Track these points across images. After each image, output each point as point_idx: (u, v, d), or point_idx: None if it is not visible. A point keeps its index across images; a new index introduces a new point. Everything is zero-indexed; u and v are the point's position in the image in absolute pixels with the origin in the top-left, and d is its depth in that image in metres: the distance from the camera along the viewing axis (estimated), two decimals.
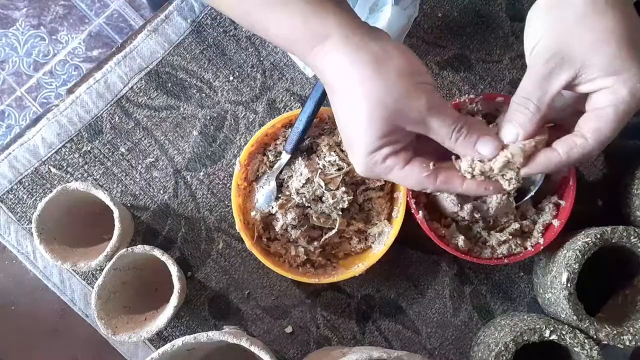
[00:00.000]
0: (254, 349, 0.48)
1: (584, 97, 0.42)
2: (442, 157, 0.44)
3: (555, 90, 0.41)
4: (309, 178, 0.56)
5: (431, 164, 0.43)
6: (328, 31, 0.40)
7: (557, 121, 0.46)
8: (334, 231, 0.58)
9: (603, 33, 0.40)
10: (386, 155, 0.42)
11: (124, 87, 0.63)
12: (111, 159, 0.63)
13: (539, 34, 0.42)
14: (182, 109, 0.64)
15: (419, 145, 0.44)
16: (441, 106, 0.41)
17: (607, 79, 0.40)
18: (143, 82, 0.63)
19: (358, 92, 0.40)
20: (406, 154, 0.43)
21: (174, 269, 0.55)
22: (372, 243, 0.60)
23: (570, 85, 0.41)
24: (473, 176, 0.43)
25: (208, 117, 0.64)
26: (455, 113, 0.42)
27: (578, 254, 0.52)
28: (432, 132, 0.41)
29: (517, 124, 0.42)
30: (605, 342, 0.53)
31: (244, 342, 0.48)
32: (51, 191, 0.56)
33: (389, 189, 0.60)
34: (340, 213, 0.57)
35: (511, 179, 0.43)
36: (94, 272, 0.63)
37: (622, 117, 0.40)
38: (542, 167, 0.42)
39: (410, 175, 0.43)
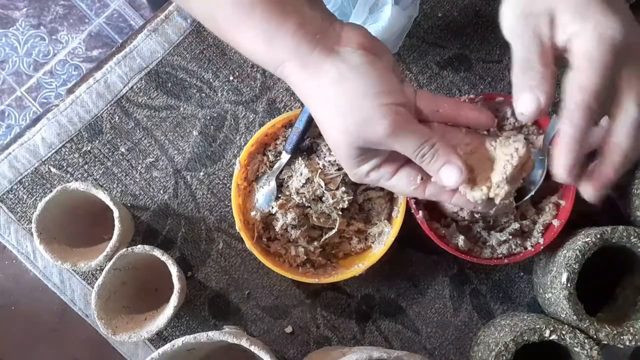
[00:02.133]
0: (254, 349, 0.48)
1: None
2: None
3: (548, 38, 0.38)
4: (309, 178, 0.56)
5: (418, 178, 0.43)
6: (285, 56, 0.39)
7: None
8: (334, 231, 0.58)
9: None
10: (367, 172, 0.43)
11: (124, 87, 0.63)
12: (111, 159, 0.63)
13: (511, 11, 0.41)
14: (182, 109, 0.64)
15: None
16: (405, 128, 0.39)
17: (575, 24, 0.37)
18: (143, 82, 0.63)
19: (322, 117, 0.40)
20: (390, 165, 0.43)
21: (174, 269, 0.55)
22: (372, 243, 0.60)
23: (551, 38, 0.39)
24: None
25: (208, 117, 0.64)
26: (421, 134, 0.40)
27: (578, 254, 0.52)
28: (400, 152, 0.40)
29: (534, 89, 0.38)
30: (605, 342, 0.53)
31: (244, 342, 0.48)
32: (51, 191, 0.56)
33: None
34: (340, 213, 0.57)
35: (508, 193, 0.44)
36: (94, 272, 0.63)
37: (597, 65, 0.36)
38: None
39: (397, 186, 0.44)
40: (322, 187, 0.56)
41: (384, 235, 0.59)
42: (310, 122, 0.56)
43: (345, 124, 0.39)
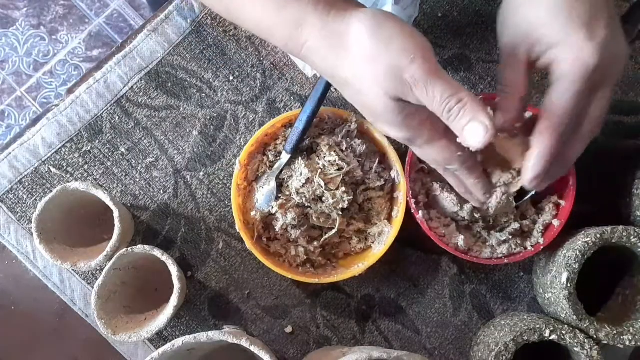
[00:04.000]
0: (254, 349, 0.48)
1: None
2: None
3: (522, 65, 0.42)
4: (309, 178, 0.56)
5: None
6: (302, 18, 0.38)
7: None
8: (334, 231, 0.58)
9: (547, 9, 0.40)
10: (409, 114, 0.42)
11: (124, 87, 0.63)
12: (111, 159, 0.63)
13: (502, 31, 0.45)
14: (182, 109, 0.64)
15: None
16: (437, 74, 0.38)
17: (554, 50, 0.41)
18: (143, 82, 0.63)
19: (352, 74, 0.39)
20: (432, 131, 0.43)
21: (174, 269, 0.55)
22: (372, 243, 0.60)
23: (533, 62, 0.43)
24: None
25: (208, 117, 0.64)
26: (452, 85, 0.38)
27: (578, 254, 0.52)
28: (426, 102, 0.39)
29: (502, 110, 0.44)
30: (605, 342, 0.53)
31: (244, 342, 0.48)
32: (51, 191, 0.56)
33: (389, 189, 0.60)
34: (340, 213, 0.57)
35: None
36: (94, 272, 0.63)
37: (570, 95, 0.40)
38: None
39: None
40: (322, 187, 0.56)
41: (384, 235, 0.58)
42: (310, 122, 0.56)
43: (377, 70, 0.38)
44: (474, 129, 0.38)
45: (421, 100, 0.39)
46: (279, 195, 0.58)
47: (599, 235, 0.53)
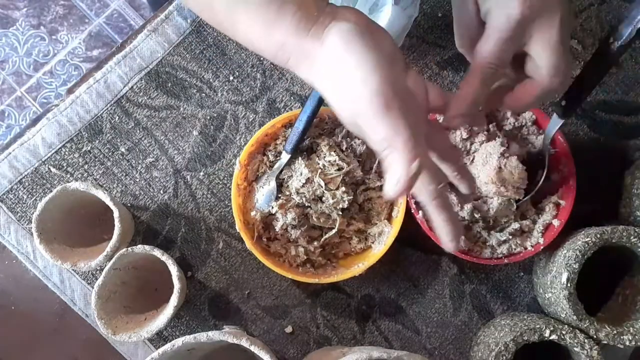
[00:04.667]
0: (254, 349, 0.48)
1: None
2: None
3: (472, 10, 0.45)
4: (309, 178, 0.56)
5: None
6: (285, 38, 0.39)
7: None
8: (334, 231, 0.58)
9: None
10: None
11: (124, 87, 0.63)
12: (111, 159, 0.63)
13: None
14: (182, 109, 0.64)
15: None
16: (382, 113, 0.38)
17: (489, 1, 0.43)
18: (143, 82, 0.63)
19: (325, 93, 0.40)
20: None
21: (174, 269, 0.55)
22: (372, 243, 0.60)
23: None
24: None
25: (208, 117, 0.64)
26: (390, 129, 0.38)
27: (578, 254, 0.52)
28: (365, 137, 0.40)
29: (466, 54, 0.47)
30: (605, 342, 0.53)
31: (244, 342, 0.48)
32: (51, 191, 0.56)
33: None
34: (340, 213, 0.57)
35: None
36: (94, 272, 0.63)
37: (495, 35, 0.43)
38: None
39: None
40: (322, 187, 0.56)
41: (384, 235, 0.58)
42: (310, 122, 0.56)
43: (337, 100, 0.39)
44: (389, 179, 0.39)
45: (367, 136, 0.40)
46: (279, 195, 0.58)
47: (599, 235, 0.53)
